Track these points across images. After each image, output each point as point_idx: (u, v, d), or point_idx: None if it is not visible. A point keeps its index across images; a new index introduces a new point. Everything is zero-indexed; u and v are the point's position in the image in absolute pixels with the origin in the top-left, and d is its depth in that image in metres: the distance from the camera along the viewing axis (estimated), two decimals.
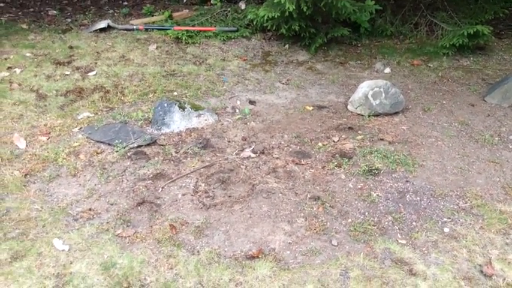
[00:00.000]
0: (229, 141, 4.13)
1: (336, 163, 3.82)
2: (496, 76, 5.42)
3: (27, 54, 5.52)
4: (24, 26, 6.28)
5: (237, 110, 4.66)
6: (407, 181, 3.63)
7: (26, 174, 3.59)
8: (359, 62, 5.85)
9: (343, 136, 4.21)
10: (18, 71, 5.14)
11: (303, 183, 3.60)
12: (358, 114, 4.58)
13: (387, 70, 5.62)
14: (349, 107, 4.67)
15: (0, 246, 2.91)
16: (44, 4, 7.22)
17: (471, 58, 5.91)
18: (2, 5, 7.03)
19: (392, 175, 3.69)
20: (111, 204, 3.33)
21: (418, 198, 3.45)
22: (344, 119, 4.51)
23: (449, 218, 3.25)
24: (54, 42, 5.87)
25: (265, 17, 5.61)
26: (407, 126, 4.40)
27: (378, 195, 3.48)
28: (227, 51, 5.94)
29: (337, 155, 3.92)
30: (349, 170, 3.75)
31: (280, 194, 3.47)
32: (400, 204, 3.39)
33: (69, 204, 3.31)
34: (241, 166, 3.78)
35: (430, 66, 5.72)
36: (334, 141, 4.13)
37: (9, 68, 5.20)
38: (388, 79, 5.37)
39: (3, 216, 3.15)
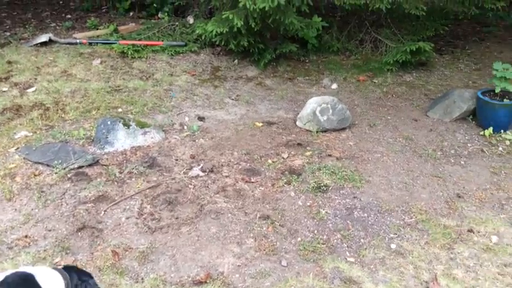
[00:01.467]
0: (176, 160, 4.03)
1: (285, 180, 3.79)
2: (437, 91, 5.62)
3: None
4: None
5: (186, 127, 4.56)
6: (354, 197, 3.66)
7: None
8: (307, 77, 5.91)
9: (292, 152, 4.20)
10: None
11: (253, 202, 3.54)
12: (307, 130, 4.60)
13: (334, 86, 5.70)
14: (297, 123, 4.68)
15: None
16: None
17: (414, 74, 6.10)
18: None
19: (341, 191, 3.71)
20: (49, 230, 3.14)
21: (366, 215, 3.48)
22: (293, 135, 4.51)
23: (396, 234, 3.29)
24: None
25: (214, 32, 5.56)
26: (354, 141, 4.46)
27: (326, 212, 3.48)
28: (175, 66, 5.84)
29: (286, 172, 3.91)
30: (299, 187, 3.73)
31: (229, 214, 3.40)
32: (348, 221, 3.40)
33: (3, 231, 3.09)
34: (189, 186, 3.68)
35: (375, 82, 5.86)
36: (283, 157, 4.11)
37: None
38: (335, 95, 5.44)
39: None
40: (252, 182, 3.76)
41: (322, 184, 3.75)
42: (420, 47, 5.81)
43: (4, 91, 4.86)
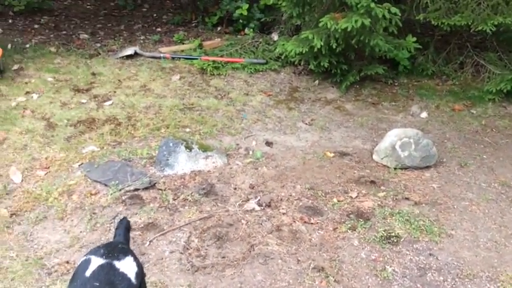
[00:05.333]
0: (235, 189, 3.77)
1: (349, 225, 3.36)
2: None
3: (49, 79, 5.44)
4: (53, 49, 6.24)
5: (251, 152, 4.30)
6: (430, 254, 3.12)
7: (12, 214, 3.37)
8: (393, 103, 5.37)
9: (363, 191, 3.74)
10: (35, 96, 5.04)
11: (309, 247, 3.16)
12: (384, 165, 4.10)
13: (424, 114, 5.10)
14: (374, 156, 4.20)
15: None
16: (77, 27, 7.22)
17: None
18: (36, 26, 7.08)
19: (414, 245, 3.19)
20: None
21: (442, 278, 2.94)
22: (367, 171, 4.04)
23: None
24: (79, 68, 5.78)
25: (293, 52, 5.27)
26: (438, 184, 3.88)
27: (393, 270, 2.99)
28: (252, 85, 5.63)
29: (352, 215, 3.47)
30: (364, 234, 3.28)
31: (279, 260, 3.05)
32: (418, 285, 2.89)
33: (47, 253, 3.04)
34: (242, 220, 3.40)
35: (472, 113, 5.16)
36: (351, 197, 3.68)
37: (27, 92, 5.11)
38: (423, 124, 4.87)
39: None
40: (311, 223, 3.38)
41: (392, 234, 3.27)
42: None
43: (83, 103, 4.97)
